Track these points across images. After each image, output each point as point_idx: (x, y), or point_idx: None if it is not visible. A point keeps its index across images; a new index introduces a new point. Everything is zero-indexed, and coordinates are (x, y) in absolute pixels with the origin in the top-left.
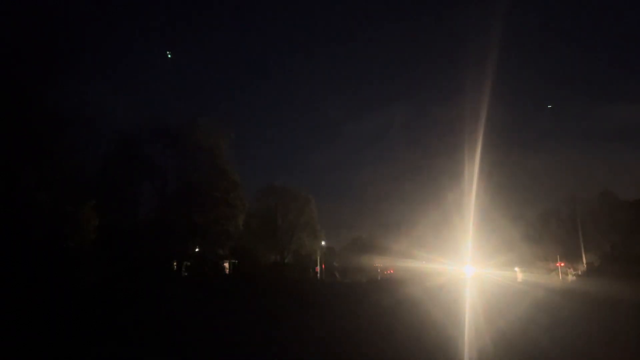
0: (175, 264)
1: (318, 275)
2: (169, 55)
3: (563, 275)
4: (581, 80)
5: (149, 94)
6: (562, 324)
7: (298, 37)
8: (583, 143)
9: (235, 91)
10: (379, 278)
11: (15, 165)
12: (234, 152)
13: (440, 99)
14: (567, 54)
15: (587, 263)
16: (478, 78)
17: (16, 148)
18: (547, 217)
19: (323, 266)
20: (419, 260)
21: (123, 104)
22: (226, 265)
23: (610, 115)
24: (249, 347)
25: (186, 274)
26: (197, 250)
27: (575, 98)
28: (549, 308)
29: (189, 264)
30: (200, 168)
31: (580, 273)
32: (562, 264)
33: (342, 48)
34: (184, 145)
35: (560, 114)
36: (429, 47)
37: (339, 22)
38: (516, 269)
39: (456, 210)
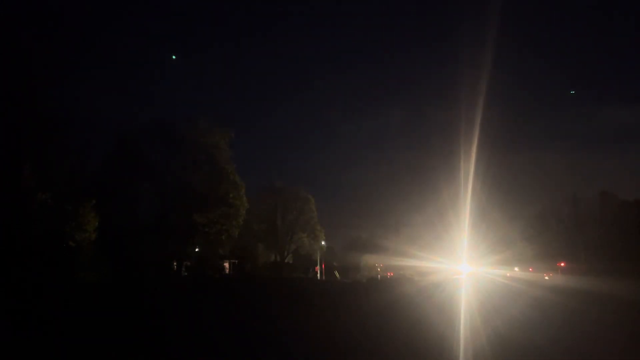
0: (175, 264)
1: (318, 275)
2: (174, 57)
3: (562, 275)
4: (580, 82)
5: (149, 95)
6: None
7: (298, 40)
8: (582, 144)
9: (236, 92)
10: (378, 277)
11: (16, 165)
12: (234, 152)
13: (438, 100)
14: (565, 55)
15: (587, 262)
16: (475, 79)
17: (16, 148)
18: (547, 216)
19: (323, 266)
20: (417, 259)
21: (123, 105)
22: (226, 265)
23: (610, 117)
24: (248, 346)
25: (186, 273)
26: (197, 250)
27: (574, 100)
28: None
29: (189, 264)
30: (200, 168)
31: (580, 272)
32: (563, 264)
33: (342, 51)
34: (184, 145)
35: (559, 115)
36: (426, 50)
37: (338, 25)
38: (516, 268)
39: (453, 210)
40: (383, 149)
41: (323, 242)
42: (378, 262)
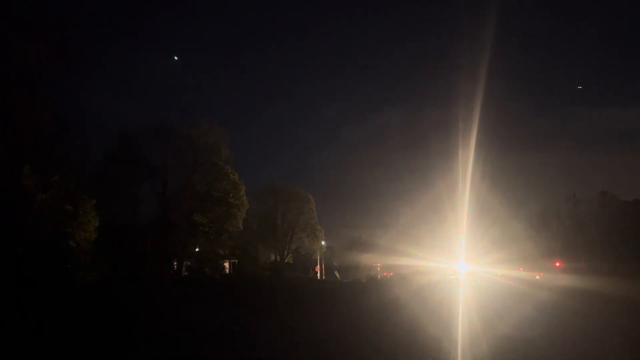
0: (175, 263)
1: (318, 274)
2: (176, 58)
3: (563, 275)
4: (580, 81)
5: (149, 95)
6: None
7: (298, 40)
8: (582, 144)
9: (236, 92)
10: (378, 277)
11: (16, 165)
12: (233, 152)
13: (437, 99)
14: (565, 55)
15: (586, 262)
16: (474, 78)
17: (16, 148)
18: (547, 216)
19: (323, 266)
20: (417, 258)
21: (123, 105)
22: (226, 265)
23: (610, 117)
24: (249, 346)
25: (186, 273)
26: (197, 250)
27: (574, 99)
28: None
29: (189, 264)
30: (200, 168)
31: (579, 272)
32: (562, 264)
33: (341, 52)
34: (184, 145)
35: (558, 115)
36: (425, 51)
37: (337, 26)
38: (520, 268)
39: (452, 209)
40: (382, 148)
41: (323, 242)
42: (378, 262)
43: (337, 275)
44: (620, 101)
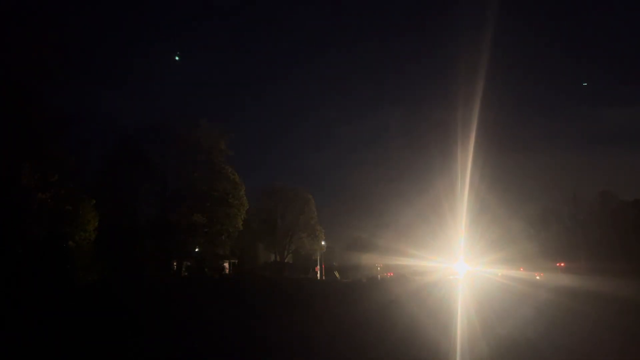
0: (175, 263)
1: (318, 274)
2: (177, 58)
3: (563, 275)
4: (580, 82)
5: (149, 95)
6: None
7: (297, 41)
8: (582, 144)
9: (235, 92)
10: (378, 277)
11: (16, 164)
12: (233, 152)
13: (436, 100)
14: (564, 55)
15: (586, 262)
16: (473, 79)
17: (16, 148)
18: (547, 216)
19: (323, 266)
20: (417, 258)
21: (124, 105)
22: (226, 265)
23: (610, 117)
24: (249, 346)
25: (186, 273)
26: (197, 250)
27: (574, 100)
28: None
29: (189, 263)
30: (200, 168)
31: (579, 272)
32: (563, 264)
33: (340, 53)
34: (184, 145)
35: (558, 115)
36: (423, 51)
37: (336, 26)
38: (521, 268)
39: (452, 210)
40: (382, 149)
41: (323, 242)
42: (378, 262)
43: (337, 275)
44: (621, 101)
